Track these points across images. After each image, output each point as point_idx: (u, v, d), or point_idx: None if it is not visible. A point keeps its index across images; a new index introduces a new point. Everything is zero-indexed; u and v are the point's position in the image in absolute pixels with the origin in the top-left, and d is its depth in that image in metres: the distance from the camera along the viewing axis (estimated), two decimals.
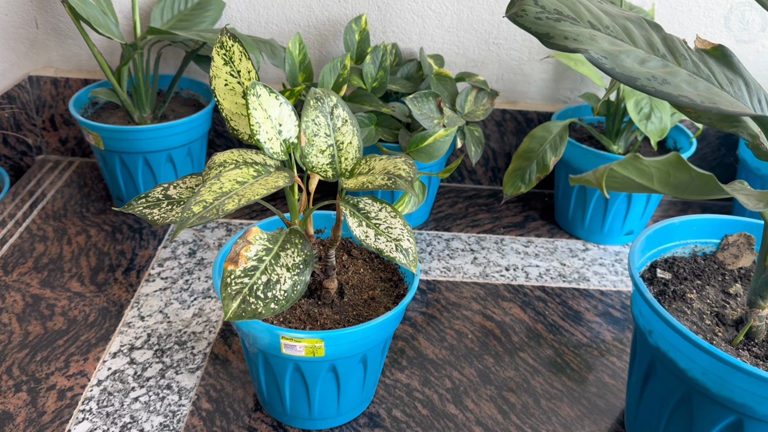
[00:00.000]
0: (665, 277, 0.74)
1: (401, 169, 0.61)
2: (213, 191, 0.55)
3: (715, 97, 0.55)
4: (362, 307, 0.72)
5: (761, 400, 0.58)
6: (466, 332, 0.90)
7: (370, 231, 0.62)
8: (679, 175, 0.43)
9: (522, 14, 0.58)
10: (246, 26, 1.13)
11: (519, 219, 1.17)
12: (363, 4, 1.11)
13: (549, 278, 1.02)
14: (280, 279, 0.58)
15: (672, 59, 0.57)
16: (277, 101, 0.61)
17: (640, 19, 0.59)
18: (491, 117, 1.20)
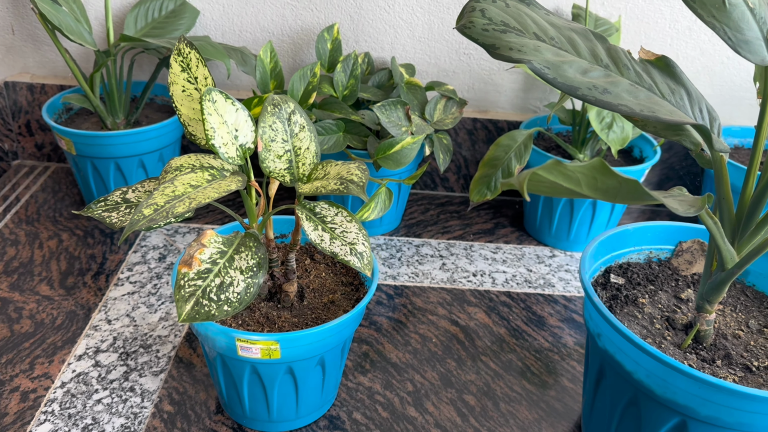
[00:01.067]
0: (618, 282, 0.75)
1: (354, 174, 0.62)
2: (165, 195, 0.56)
3: (655, 106, 0.57)
4: (321, 310, 0.73)
5: (703, 402, 0.59)
6: (430, 336, 0.92)
7: (325, 235, 0.63)
8: (606, 181, 0.45)
9: (470, 26, 0.59)
10: (220, 34, 1.15)
11: (489, 226, 1.19)
12: (336, 14, 1.13)
13: (515, 284, 1.04)
14: (233, 281, 0.59)
15: (615, 69, 0.59)
16: (233, 107, 0.62)
17: (585, 30, 0.61)
18: (463, 125, 1.22)
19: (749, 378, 0.64)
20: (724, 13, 0.56)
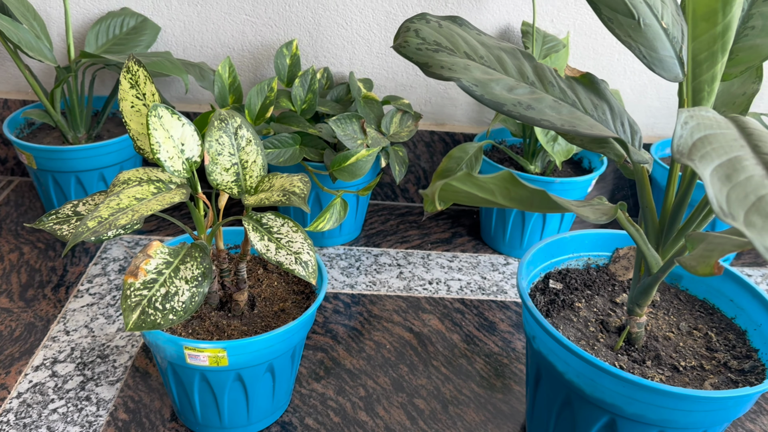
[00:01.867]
0: (557, 287, 0.79)
1: (296, 186, 0.65)
2: (110, 207, 0.59)
3: (576, 121, 0.60)
4: (271, 319, 0.75)
5: (628, 401, 0.62)
6: (384, 343, 0.94)
7: (271, 245, 0.66)
8: (518, 191, 0.48)
9: (405, 45, 0.63)
10: (181, 50, 1.17)
11: (447, 235, 1.22)
12: (295, 30, 1.16)
13: (469, 291, 1.07)
14: (178, 291, 0.61)
15: (540, 86, 0.62)
16: (179, 122, 0.65)
17: (514, 49, 0.65)
18: (421, 138, 1.25)
19: (676, 377, 0.68)
20: (640, 33, 0.60)
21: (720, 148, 0.45)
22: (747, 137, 0.48)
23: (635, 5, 0.59)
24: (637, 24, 0.59)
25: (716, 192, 0.41)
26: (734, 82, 0.68)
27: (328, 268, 1.10)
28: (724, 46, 0.53)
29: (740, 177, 0.42)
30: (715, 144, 0.46)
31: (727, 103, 0.67)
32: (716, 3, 0.50)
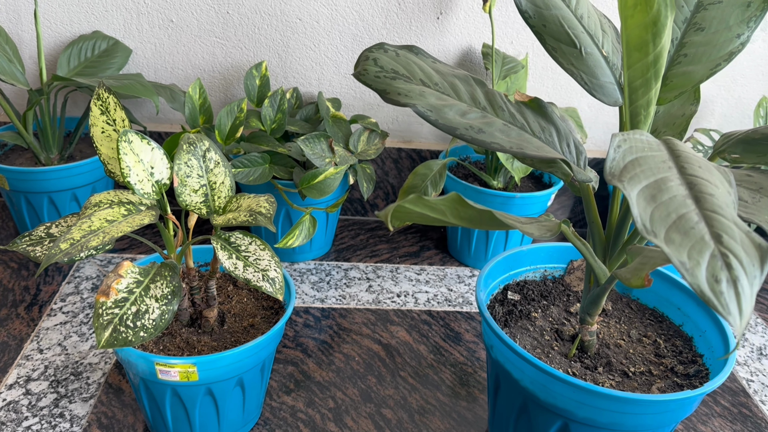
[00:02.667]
0: (515, 298, 0.83)
1: (262, 206, 0.68)
2: (82, 229, 0.61)
3: (524, 143, 0.64)
4: (241, 334, 0.78)
5: (579, 405, 0.66)
6: (353, 355, 0.97)
7: (239, 263, 0.69)
8: (466, 211, 0.52)
9: (364, 73, 0.66)
10: (153, 71, 1.20)
11: (415, 249, 1.26)
12: (264, 52, 1.19)
13: (436, 303, 1.10)
14: (149, 309, 0.64)
15: (491, 111, 0.66)
16: (149, 146, 0.68)
17: (467, 76, 0.69)
18: (389, 155, 1.29)
19: (625, 383, 0.72)
20: (582, 61, 0.64)
21: (648, 170, 0.49)
22: (675, 159, 0.52)
23: (577, 35, 0.64)
24: (579, 53, 0.64)
25: (641, 211, 0.45)
26: (674, 103, 0.73)
27: (299, 282, 1.12)
28: (656, 73, 0.58)
29: (664, 197, 0.46)
30: (644, 166, 0.50)
31: (668, 124, 0.72)
32: (647, 35, 0.54)
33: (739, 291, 0.40)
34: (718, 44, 0.61)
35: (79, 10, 1.13)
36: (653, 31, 0.54)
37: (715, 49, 0.61)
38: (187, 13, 1.14)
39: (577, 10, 0.65)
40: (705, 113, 1.30)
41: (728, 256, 0.42)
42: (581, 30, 0.64)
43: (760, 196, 0.55)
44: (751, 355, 1.06)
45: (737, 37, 0.61)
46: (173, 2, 1.13)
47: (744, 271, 0.41)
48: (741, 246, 0.42)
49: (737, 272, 0.41)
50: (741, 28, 0.61)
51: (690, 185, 0.48)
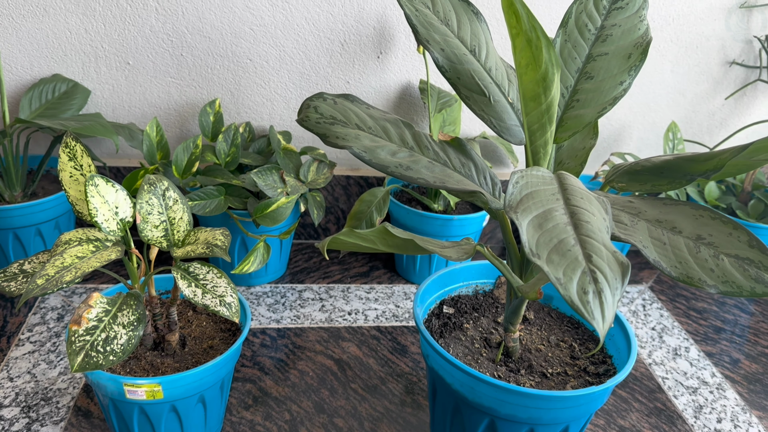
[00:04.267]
0: (449, 311, 0.92)
1: (218, 239, 0.76)
2: (56, 266, 0.68)
3: (446, 178, 0.74)
4: (201, 355, 0.85)
5: (501, 403, 0.76)
6: (308, 371, 1.05)
7: (198, 290, 0.76)
8: (393, 240, 0.61)
9: (306, 119, 0.76)
10: (111, 110, 1.27)
11: (365, 269, 1.35)
12: (217, 90, 1.27)
13: (384, 319, 1.20)
14: (117, 335, 0.71)
15: (418, 150, 0.76)
16: (113, 189, 0.75)
17: (396, 120, 0.79)
18: (338, 182, 1.38)
19: (544, 382, 0.82)
20: (491, 107, 0.75)
21: (539, 202, 0.60)
22: (563, 191, 0.62)
23: (486, 85, 0.75)
24: (489, 100, 0.74)
25: (529, 238, 0.55)
26: (577, 138, 0.84)
27: (256, 305, 1.20)
28: (550, 119, 0.68)
29: (549, 225, 0.57)
30: (536, 199, 0.60)
31: (571, 156, 0.83)
32: (539, 88, 0.65)
33: (603, 300, 0.50)
34: (604, 90, 0.73)
35: (40, 54, 1.20)
36: (543, 86, 0.64)
37: (602, 95, 0.72)
38: (143, 55, 1.22)
39: (486, 64, 0.75)
40: (624, 137, 1.43)
41: (596, 273, 0.52)
42: (490, 81, 0.75)
43: (638, 219, 0.66)
44: (667, 355, 1.18)
45: (620, 84, 0.72)
46: (129, 46, 1.21)
47: (608, 284, 0.51)
48: (607, 264, 0.53)
49: (602, 285, 0.51)
50: (623, 77, 0.73)
51: (572, 214, 0.58)
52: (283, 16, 1.22)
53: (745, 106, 1.45)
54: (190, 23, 1.20)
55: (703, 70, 1.39)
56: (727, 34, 1.35)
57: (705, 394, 1.09)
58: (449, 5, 0.77)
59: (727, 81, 1.41)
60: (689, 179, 0.66)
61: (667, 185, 0.68)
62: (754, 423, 1.03)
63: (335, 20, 1.23)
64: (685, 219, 0.64)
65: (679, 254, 0.61)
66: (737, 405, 1.07)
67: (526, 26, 0.60)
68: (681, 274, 0.60)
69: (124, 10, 1.18)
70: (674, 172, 0.67)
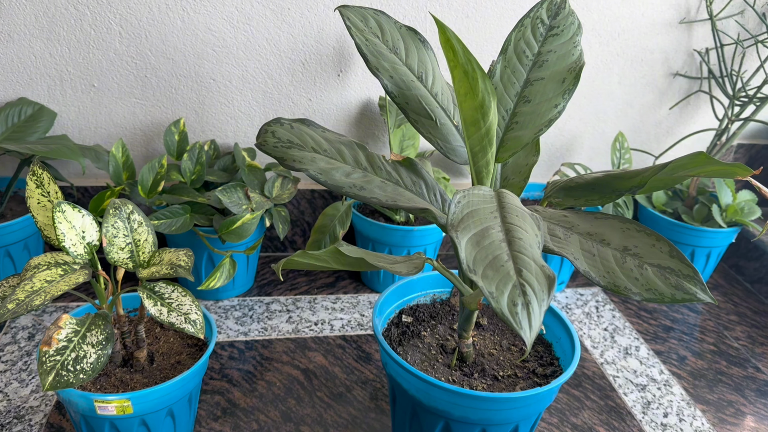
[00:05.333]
0: (408, 320, 0.97)
1: (181, 260, 0.80)
2: (25, 290, 0.72)
3: (398, 196, 0.79)
4: (169, 370, 0.89)
5: (454, 406, 0.81)
6: (275, 381, 1.09)
7: (163, 309, 0.80)
8: (345, 259, 0.66)
9: (264, 143, 0.80)
10: (77, 132, 1.29)
11: (331, 280, 1.39)
12: (182, 110, 1.31)
13: (350, 328, 1.24)
14: (86, 354, 0.75)
15: (371, 170, 0.81)
16: (80, 214, 0.79)
17: (350, 142, 0.83)
18: (303, 196, 1.42)
19: (495, 385, 0.87)
20: (437, 130, 0.80)
21: (479, 220, 0.65)
22: (501, 209, 0.68)
23: (433, 110, 0.80)
24: (435, 124, 0.80)
25: (467, 255, 0.60)
26: (520, 155, 0.90)
27: (224, 319, 1.24)
28: (490, 141, 0.74)
29: (486, 242, 0.62)
30: (476, 217, 0.65)
31: (515, 172, 0.89)
32: (477, 114, 0.70)
33: (530, 311, 0.56)
34: (541, 113, 0.78)
35: (5, 79, 1.22)
36: (482, 112, 0.70)
37: (538, 117, 0.78)
38: (108, 78, 1.25)
39: (433, 89, 0.81)
40: (576, 147, 1.50)
41: (525, 286, 0.57)
42: (436, 105, 0.80)
43: (571, 233, 0.72)
44: (618, 354, 1.24)
45: (555, 107, 0.78)
46: (94, 69, 1.24)
47: (536, 297, 0.57)
48: (535, 277, 0.58)
49: (530, 297, 0.56)
50: (558, 100, 0.78)
51: (507, 231, 0.63)
52: (244, 38, 1.26)
53: (690, 115, 1.53)
54: (153, 46, 1.23)
55: (649, 81, 1.46)
56: (670, 47, 1.43)
57: (653, 391, 1.15)
58: (398, 34, 0.82)
59: (672, 92, 1.49)
60: (618, 194, 0.72)
61: (599, 200, 0.74)
62: (698, 416, 1.10)
63: (296, 41, 1.27)
64: (614, 232, 0.70)
65: (607, 265, 0.67)
66: (683, 400, 1.14)
67: (462, 60, 0.65)
68: (609, 283, 0.66)
69: (88, 34, 1.21)
70: (604, 188, 0.73)
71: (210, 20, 1.23)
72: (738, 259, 1.57)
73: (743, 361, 1.26)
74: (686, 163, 0.65)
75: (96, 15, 1.20)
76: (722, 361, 1.26)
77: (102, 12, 1.19)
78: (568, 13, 0.83)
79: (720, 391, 1.17)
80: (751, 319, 1.41)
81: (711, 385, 1.18)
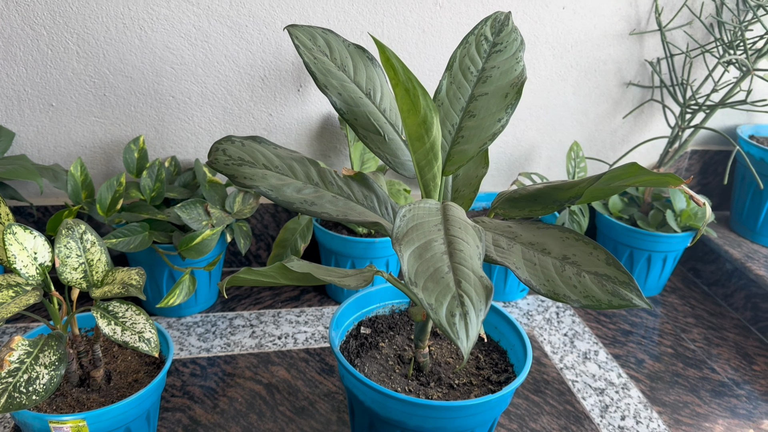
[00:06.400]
0: (366, 332, 0.99)
1: (133, 279, 0.81)
2: None
3: (349, 211, 0.81)
4: (126, 389, 0.89)
5: (408, 416, 0.82)
6: (237, 397, 1.10)
7: (117, 328, 0.80)
8: (292, 274, 0.67)
9: (215, 161, 0.81)
10: (36, 151, 1.29)
11: (296, 293, 1.40)
12: (142, 127, 1.31)
13: (313, 341, 1.25)
14: (39, 375, 0.75)
15: (323, 186, 0.83)
16: (31, 235, 0.79)
17: (302, 158, 0.85)
18: (267, 210, 1.43)
19: (451, 394, 0.89)
20: (386, 145, 0.82)
21: (422, 234, 0.67)
22: (445, 222, 0.70)
23: (381, 125, 0.82)
24: (384, 139, 0.81)
25: (409, 267, 0.62)
26: (470, 167, 0.92)
27: (186, 336, 1.24)
28: (435, 155, 0.76)
29: (428, 254, 0.64)
30: (420, 231, 0.67)
31: (466, 184, 0.91)
32: (421, 130, 0.72)
33: (468, 322, 0.57)
34: (485, 127, 0.81)
35: None
36: (425, 128, 0.72)
37: (483, 131, 0.80)
38: (66, 97, 1.25)
39: (381, 105, 0.83)
40: (535, 156, 1.53)
41: (463, 297, 0.59)
42: (384, 121, 0.82)
43: (514, 243, 0.74)
44: (577, 359, 1.27)
45: (498, 121, 0.80)
46: (52, 88, 1.24)
47: (473, 307, 0.59)
48: (474, 288, 0.60)
49: (468, 308, 0.58)
50: (501, 114, 0.81)
51: (449, 243, 0.65)
52: (203, 55, 1.27)
53: (644, 123, 1.57)
54: (111, 64, 1.24)
55: (603, 91, 1.50)
56: (623, 58, 1.47)
57: (611, 394, 1.18)
58: (346, 52, 0.84)
59: (626, 101, 1.53)
60: (558, 205, 0.75)
61: (541, 210, 0.77)
62: (655, 418, 1.13)
63: (254, 57, 1.29)
64: (554, 241, 0.72)
65: (547, 273, 0.69)
66: (640, 402, 1.16)
67: (403, 77, 0.67)
68: (549, 290, 0.68)
69: (45, 54, 1.21)
70: (545, 199, 0.75)
71: (168, 38, 1.24)
72: (695, 262, 1.61)
73: (699, 363, 1.29)
74: (620, 174, 0.68)
75: (53, 35, 1.20)
76: (679, 363, 1.29)
77: (59, 32, 1.20)
78: (511, 29, 0.86)
79: (676, 392, 1.20)
80: (707, 321, 1.44)
81: (668, 387, 1.21)
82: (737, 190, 1.60)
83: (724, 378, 1.25)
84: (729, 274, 1.50)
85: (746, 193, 1.56)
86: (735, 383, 1.24)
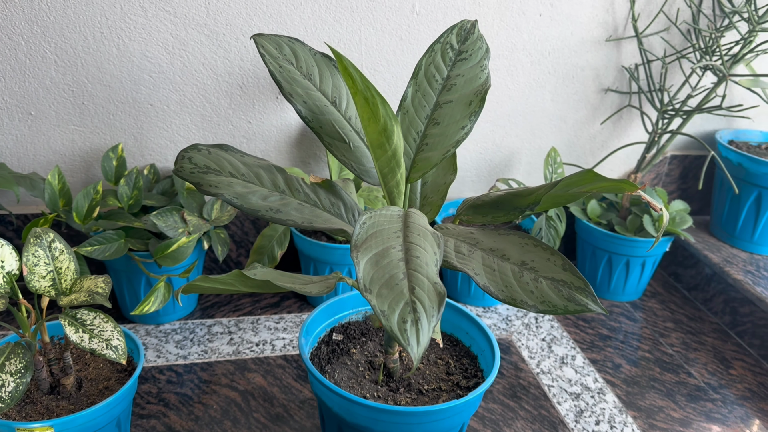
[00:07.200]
0: (338, 338, 0.99)
1: (99, 287, 0.81)
2: None
3: (314, 218, 0.81)
4: (96, 396, 0.90)
5: (374, 422, 0.83)
6: (212, 404, 1.10)
7: (85, 335, 0.81)
8: (251, 282, 0.68)
9: (181, 170, 0.82)
10: (16, 160, 1.29)
11: (276, 300, 1.41)
12: (120, 135, 1.32)
13: (291, 348, 1.25)
14: (4, 383, 0.75)
15: (289, 193, 0.83)
16: None
17: (269, 165, 0.85)
18: (246, 217, 1.44)
19: (420, 399, 0.89)
20: (351, 153, 0.82)
21: (381, 241, 0.67)
22: (405, 229, 0.70)
23: (346, 133, 0.82)
24: (349, 147, 0.82)
25: (364, 274, 0.63)
26: (439, 173, 0.93)
27: (164, 343, 1.24)
28: (398, 162, 0.77)
29: (384, 261, 0.64)
30: (379, 238, 0.68)
31: (434, 191, 0.92)
32: (382, 138, 0.73)
33: (419, 328, 0.58)
34: (449, 134, 0.81)
35: None
36: (386, 136, 0.72)
37: (447, 139, 0.81)
38: (45, 106, 1.26)
39: (346, 113, 0.83)
40: (514, 162, 1.54)
41: (416, 303, 0.60)
42: (350, 129, 0.82)
43: (475, 249, 0.75)
44: (554, 364, 1.27)
45: (462, 129, 0.81)
46: (31, 97, 1.24)
47: (425, 313, 0.59)
48: (427, 294, 0.61)
49: (420, 314, 0.59)
50: (465, 122, 0.82)
51: (407, 250, 0.66)
52: (180, 63, 1.27)
53: (622, 129, 1.58)
54: (89, 73, 1.25)
55: (581, 97, 1.51)
56: (600, 64, 1.48)
57: (586, 399, 1.18)
58: (312, 61, 0.85)
59: (604, 107, 1.54)
60: (519, 211, 0.75)
61: (503, 216, 0.77)
62: (629, 423, 1.13)
63: (232, 65, 1.30)
64: (514, 247, 0.73)
65: (505, 279, 0.70)
66: (615, 407, 1.17)
67: (361, 87, 0.68)
68: (506, 296, 0.69)
69: (23, 63, 1.22)
70: (506, 206, 0.76)
71: (145, 47, 1.24)
72: (676, 267, 1.62)
73: (676, 367, 1.30)
74: (577, 181, 0.69)
75: (30, 44, 1.21)
76: (656, 367, 1.29)
77: (36, 41, 1.21)
78: (477, 38, 0.87)
79: (652, 397, 1.21)
80: (686, 325, 1.45)
81: (643, 391, 1.22)
82: (716, 194, 1.61)
83: (701, 382, 1.26)
84: (708, 278, 1.51)
85: (725, 198, 1.57)
86: (711, 387, 1.24)
